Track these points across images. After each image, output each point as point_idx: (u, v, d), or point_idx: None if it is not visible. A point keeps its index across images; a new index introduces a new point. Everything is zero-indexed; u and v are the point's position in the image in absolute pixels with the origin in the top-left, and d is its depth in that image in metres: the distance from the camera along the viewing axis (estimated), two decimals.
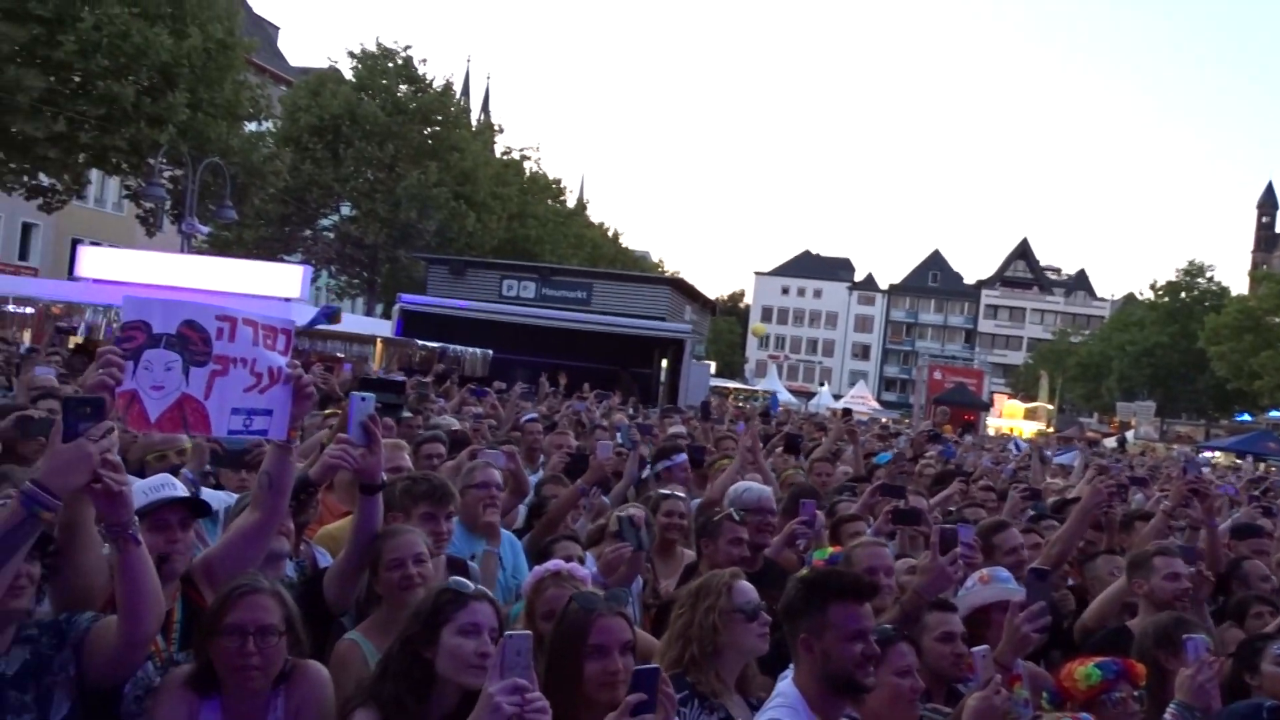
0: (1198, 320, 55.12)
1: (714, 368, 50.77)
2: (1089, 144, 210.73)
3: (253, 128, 31.48)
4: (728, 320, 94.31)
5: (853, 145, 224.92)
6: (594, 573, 3.83)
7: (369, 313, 38.71)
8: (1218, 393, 56.78)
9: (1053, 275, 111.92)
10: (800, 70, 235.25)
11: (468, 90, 66.42)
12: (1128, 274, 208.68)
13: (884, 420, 34.52)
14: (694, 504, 6.05)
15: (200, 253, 28.35)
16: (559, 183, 55.59)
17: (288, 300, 17.39)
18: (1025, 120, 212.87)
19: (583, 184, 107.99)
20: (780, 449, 10.26)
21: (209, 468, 5.48)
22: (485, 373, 20.17)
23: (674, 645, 3.27)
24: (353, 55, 39.24)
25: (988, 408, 51.02)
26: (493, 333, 23.98)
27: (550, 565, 3.52)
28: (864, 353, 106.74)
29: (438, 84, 40.30)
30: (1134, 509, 7.60)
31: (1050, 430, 47.41)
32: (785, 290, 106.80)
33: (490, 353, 21.79)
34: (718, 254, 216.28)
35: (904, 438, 19.48)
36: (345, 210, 39.17)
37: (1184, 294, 61.36)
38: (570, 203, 60.21)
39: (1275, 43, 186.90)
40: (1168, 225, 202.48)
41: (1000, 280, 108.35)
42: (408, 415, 7.38)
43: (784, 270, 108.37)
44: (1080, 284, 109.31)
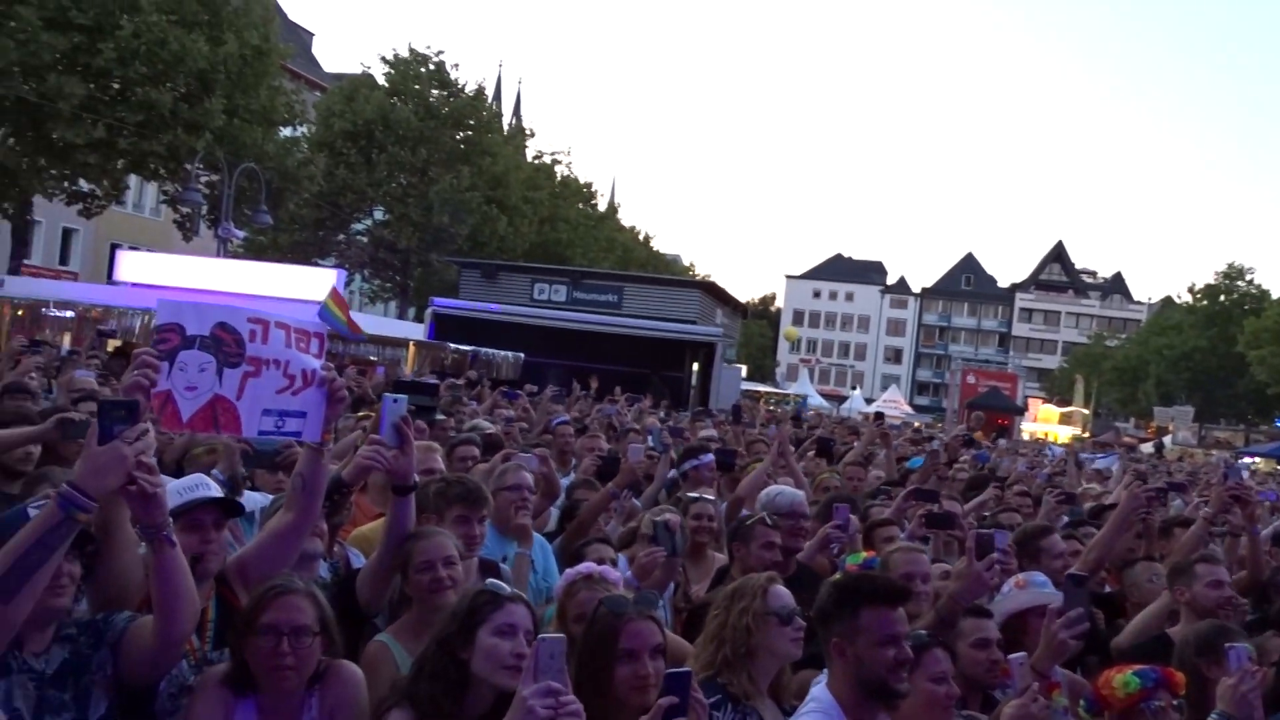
0: (1237, 324, 54.40)
1: (745, 371, 50.67)
2: (1125, 145, 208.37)
3: (287, 133, 31.82)
4: (759, 323, 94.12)
5: (885, 147, 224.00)
6: (627, 576, 3.82)
7: (401, 316, 38.99)
8: (1257, 397, 55.92)
9: (1088, 278, 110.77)
10: (832, 72, 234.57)
11: (499, 95, 66.75)
12: (1165, 277, 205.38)
13: (916, 424, 34.30)
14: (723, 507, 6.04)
15: (236, 257, 28.68)
16: (590, 186, 55.75)
17: (322, 303, 17.53)
18: (1060, 121, 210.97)
19: (614, 187, 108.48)
20: (812, 453, 10.24)
21: (242, 470, 5.53)
22: (517, 376, 20.23)
23: (708, 647, 3.25)
24: (386, 61, 39.59)
25: (1022, 412, 50.55)
26: (524, 336, 24.07)
27: (582, 568, 3.52)
28: (896, 356, 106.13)
29: (470, 89, 40.56)
30: (1173, 515, 7.49)
31: (1086, 435, 46.89)
32: (817, 294, 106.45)
33: (522, 356, 21.87)
34: (749, 257, 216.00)
35: (937, 442, 19.33)
36: (378, 215, 39.48)
37: (1223, 297, 60.56)
38: (601, 206, 60.35)
39: None
40: (1206, 227, 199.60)
41: (1035, 283, 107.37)
42: (441, 418, 7.42)
43: (815, 273, 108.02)
44: (1117, 287, 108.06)
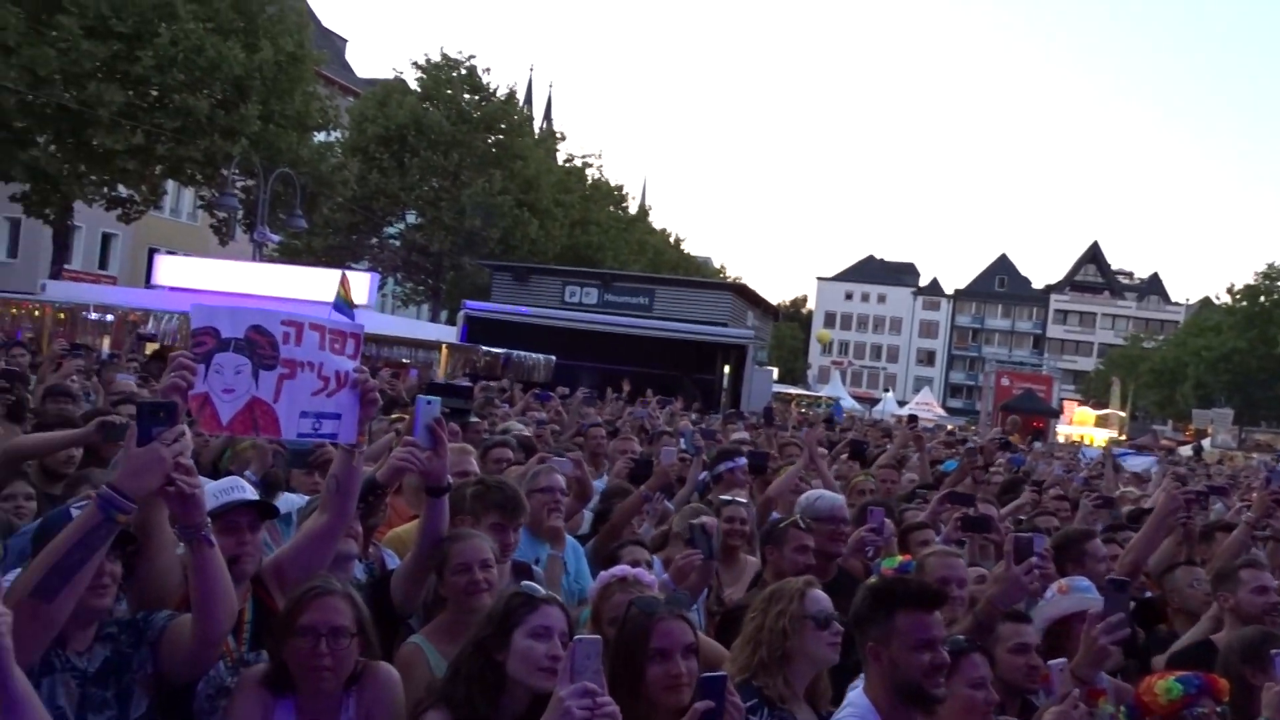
0: (1277, 325, 53.50)
1: (776, 373, 50.48)
2: (1162, 144, 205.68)
3: (321, 138, 32.13)
4: (790, 326, 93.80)
5: (917, 148, 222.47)
6: (664, 579, 3.81)
7: (434, 319, 39.24)
8: None
9: (1125, 279, 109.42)
10: (864, 73, 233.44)
11: (530, 98, 67.02)
12: (1203, 277, 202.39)
13: (949, 427, 34.02)
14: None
15: (271, 261, 28.98)
16: (621, 189, 55.80)
17: (356, 307, 17.68)
18: (1096, 120, 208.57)
19: (644, 190, 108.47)
20: (845, 456, 10.17)
21: (279, 470, 5.56)
22: (548, 378, 20.28)
23: (744, 649, 3.24)
24: (418, 66, 39.86)
25: (1057, 415, 49.98)
26: (556, 338, 24.13)
27: (617, 570, 3.51)
28: (929, 359, 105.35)
29: (501, 93, 40.76)
30: (1214, 519, 7.37)
31: (1123, 438, 46.31)
32: (849, 295, 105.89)
33: (553, 358, 21.93)
34: (780, 259, 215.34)
35: (970, 444, 19.16)
36: (411, 218, 39.75)
37: (1263, 298, 59.44)
38: (632, 209, 60.40)
39: None
40: (1245, 227, 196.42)
41: (1070, 284, 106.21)
42: (474, 420, 7.43)
43: (847, 275, 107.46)
44: (1154, 288, 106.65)
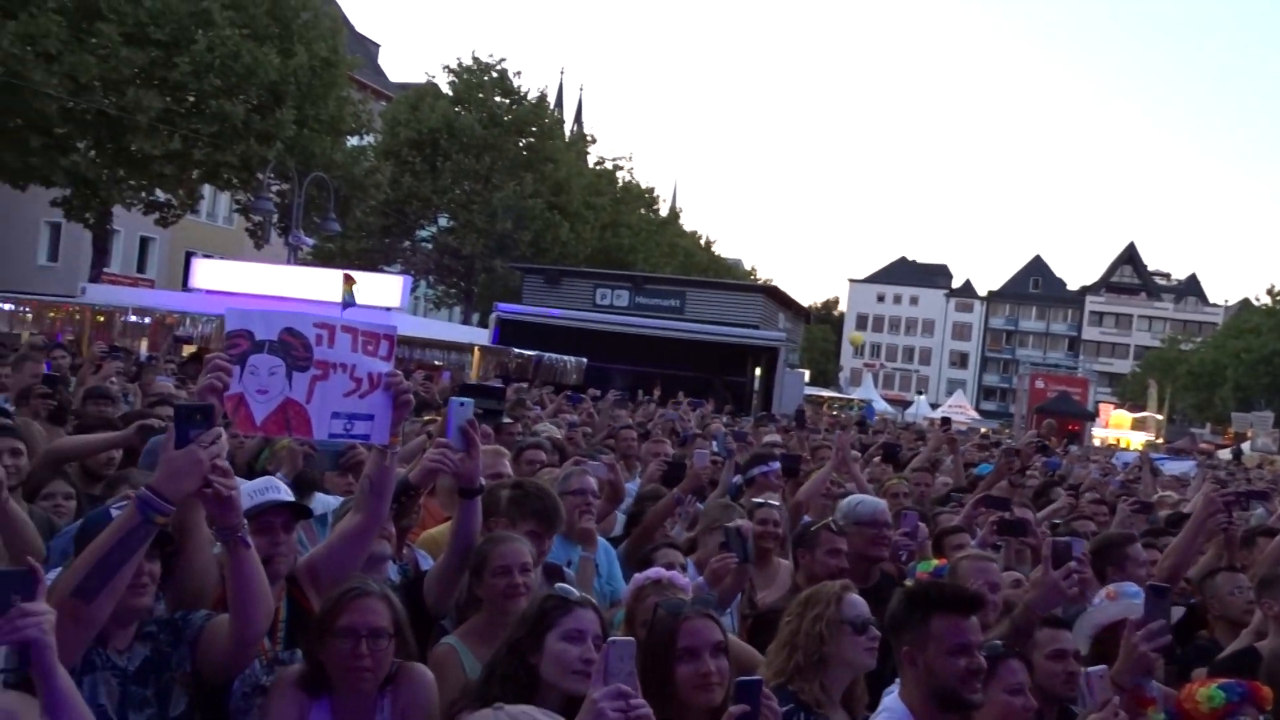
0: None
1: (808, 376, 50.27)
2: (1199, 143, 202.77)
3: (355, 142, 32.40)
4: (822, 328, 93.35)
5: (950, 148, 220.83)
6: (698, 581, 3.80)
7: (466, 321, 39.44)
8: None
9: (1161, 280, 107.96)
10: (896, 73, 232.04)
11: (561, 102, 67.25)
12: (1242, 278, 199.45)
13: (983, 430, 33.74)
14: None
15: (305, 264, 29.27)
16: (652, 192, 55.84)
17: (388, 309, 17.85)
18: (1132, 119, 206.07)
19: (675, 192, 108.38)
20: (878, 459, 10.11)
21: (313, 471, 5.59)
22: (580, 380, 20.32)
23: (779, 654, 3.22)
24: (449, 70, 40.11)
25: (1093, 417, 49.43)
26: (587, 341, 24.19)
27: (651, 573, 3.50)
28: (962, 361, 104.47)
29: (532, 96, 40.91)
30: (1256, 524, 7.25)
31: (1160, 441, 45.72)
32: (881, 297, 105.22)
33: (584, 361, 21.98)
34: (811, 261, 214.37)
35: (1007, 447, 18.97)
36: (443, 221, 39.98)
37: None
38: (663, 211, 60.38)
39: None
40: None
41: (1106, 286, 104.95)
42: (507, 421, 7.45)
43: (879, 277, 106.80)
44: (1191, 289, 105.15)
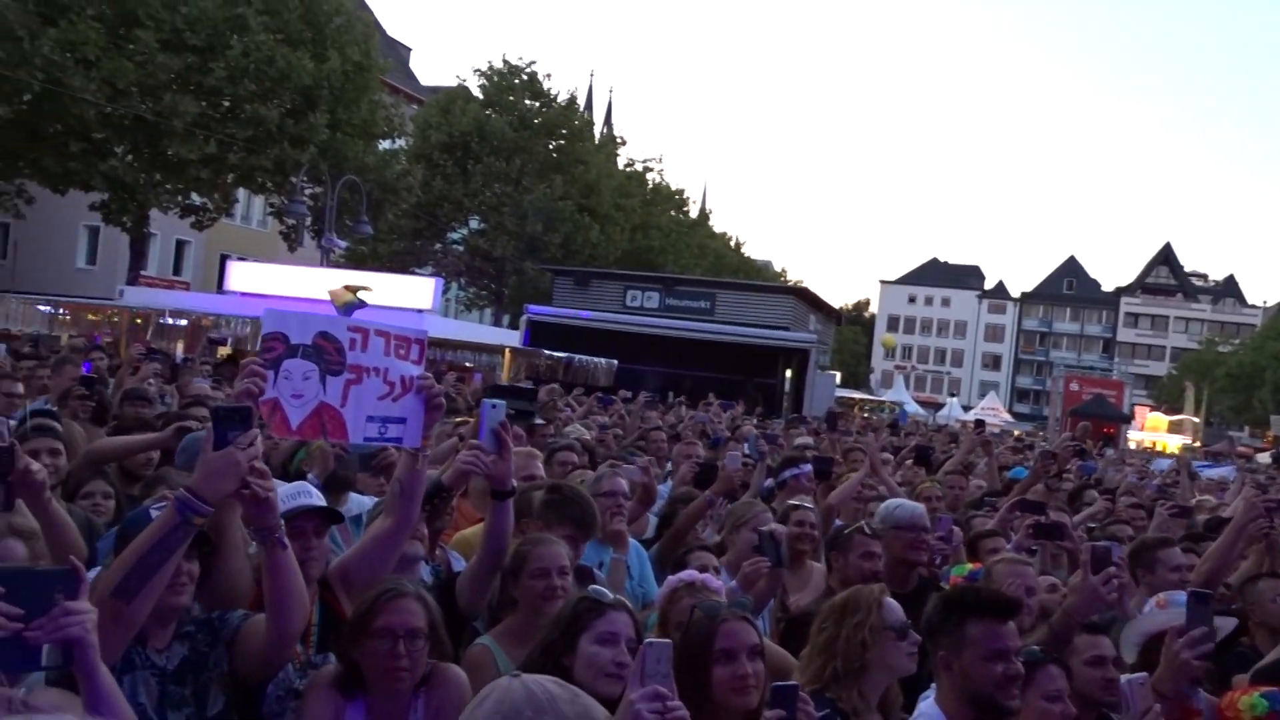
0: None
1: (839, 378, 50.03)
2: (1237, 142, 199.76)
3: (387, 146, 32.63)
4: (853, 330, 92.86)
5: (982, 148, 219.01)
6: (731, 585, 3.78)
7: (496, 323, 39.60)
8: None
9: (1198, 281, 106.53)
10: (926, 73, 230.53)
11: (591, 104, 67.36)
12: None
13: (1016, 433, 33.43)
14: None
15: (338, 266, 29.51)
16: (681, 193, 55.82)
17: (420, 311, 17.95)
18: (1168, 118, 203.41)
19: (705, 193, 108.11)
20: (910, 461, 10.04)
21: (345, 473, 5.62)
22: (611, 382, 20.34)
23: (815, 660, 3.19)
24: (480, 73, 40.34)
25: (1129, 420, 48.83)
26: (617, 343, 24.22)
27: (684, 575, 3.49)
28: (994, 363, 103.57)
29: (562, 98, 41.05)
30: None
31: (1197, 445, 45.10)
32: (912, 299, 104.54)
33: (615, 362, 21.99)
34: (842, 262, 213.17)
35: (1038, 449, 18.80)
36: (474, 224, 40.20)
37: None
38: (693, 213, 60.35)
39: None
40: None
41: (1141, 287, 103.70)
42: (540, 423, 7.47)
43: (911, 278, 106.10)
44: (1229, 290, 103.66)
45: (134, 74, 23.59)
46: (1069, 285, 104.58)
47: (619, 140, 51.40)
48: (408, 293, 19.29)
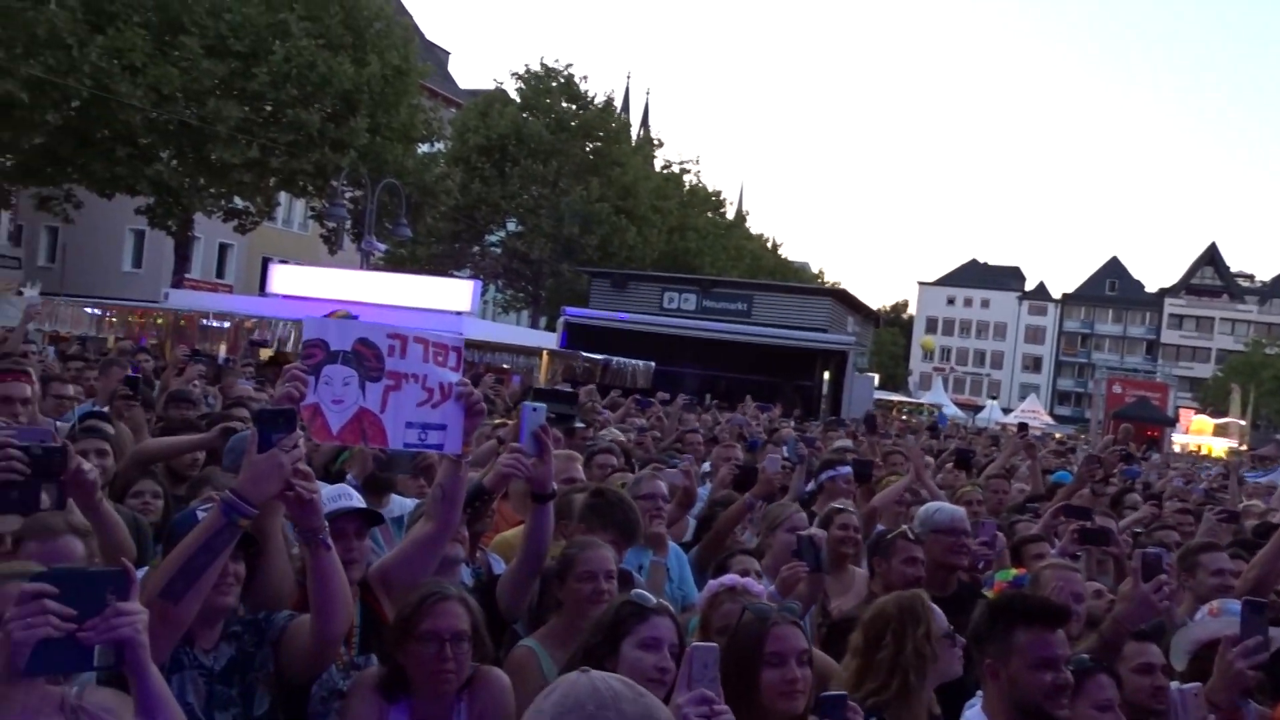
0: None
1: (877, 380, 49.67)
2: None
3: (426, 149, 32.86)
4: (891, 331, 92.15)
5: (1022, 148, 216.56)
6: (770, 590, 3.76)
7: (534, 325, 39.74)
8: None
9: (1245, 282, 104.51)
10: (967, 71, 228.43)
11: (628, 106, 67.39)
12: None
13: (1058, 436, 33.02)
14: None
15: (377, 269, 29.76)
16: (718, 195, 55.70)
17: (459, 314, 18.04)
18: (1211, 116, 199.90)
19: (741, 195, 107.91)
20: (950, 464, 9.93)
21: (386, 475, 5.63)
22: (648, 384, 20.31)
23: (877, 675, 3.09)
24: (517, 76, 40.49)
25: (1173, 423, 48.01)
26: (654, 345, 24.23)
27: (726, 579, 3.47)
28: (1035, 365, 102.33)
29: (599, 100, 41.10)
30: None
31: (1244, 448, 44.21)
32: (951, 300, 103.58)
33: (653, 364, 21.97)
34: (880, 263, 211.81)
35: (1080, 452, 18.53)
36: (511, 226, 40.36)
37: None
38: (729, 214, 60.21)
39: None
40: None
41: (1186, 288, 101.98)
42: (580, 426, 7.47)
43: (950, 280, 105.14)
44: (1276, 291, 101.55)
45: (179, 80, 23.96)
46: (1112, 286, 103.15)
47: (656, 142, 51.34)
48: (447, 295, 19.39)
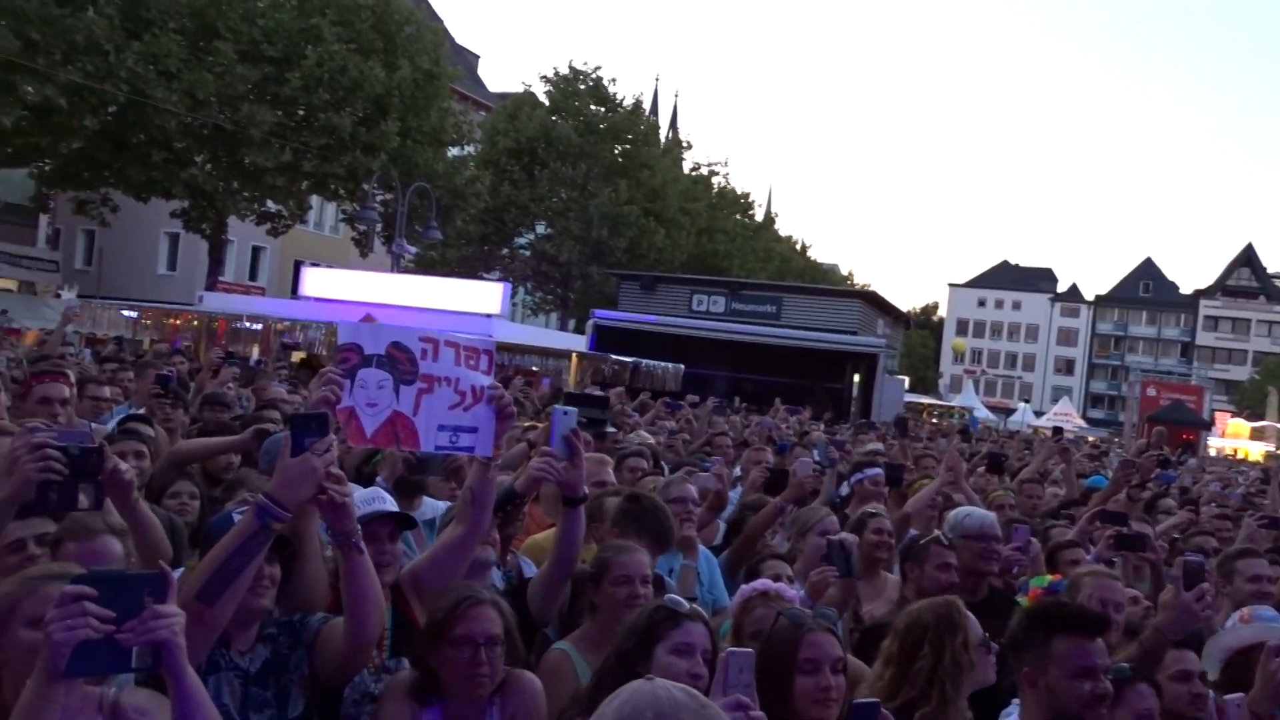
0: None
1: (907, 383, 49.32)
2: None
3: (456, 152, 33.01)
4: (921, 334, 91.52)
5: (1054, 147, 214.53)
6: (801, 595, 3.73)
7: (563, 327, 39.81)
8: None
9: None
10: (998, 71, 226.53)
11: (656, 108, 67.37)
12: None
13: (1090, 439, 32.66)
14: None
15: (408, 271, 29.94)
16: (747, 197, 55.57)
17: (489, 316, 18.10)
18: (1247, 115, 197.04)
19: (770, 196, 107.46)
20: (983, 468, 9.83)
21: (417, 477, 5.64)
22: (678, 387, 20.28)
23: (913, 685, 3.06)
24: (546, 79, 40.58)
25: (1209, 427, 47.33)
26: (683, 347, 24.21)
27: (758, 584, 3.45)
28: (1068, 367, 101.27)
29: (627, 103, 41.12)
30: None
31: None
32: (982, 302, 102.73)
33: (682, 367, 21.94)
34: (910, 265, 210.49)
35: (1114, 456, 18.30)
36: (540, 229, 40.47)
37: None
38: (758, 216, 60.04)
39: None
40: None
41: (1221, 289, 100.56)
42: (611, 430, 7.45)
43: (981, 281, 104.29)
44: None
45: (213, 85, 24.23)
46: (1145, 288, 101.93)
47: (684, 144, 51.35)
48: (477, 297, 19.47)
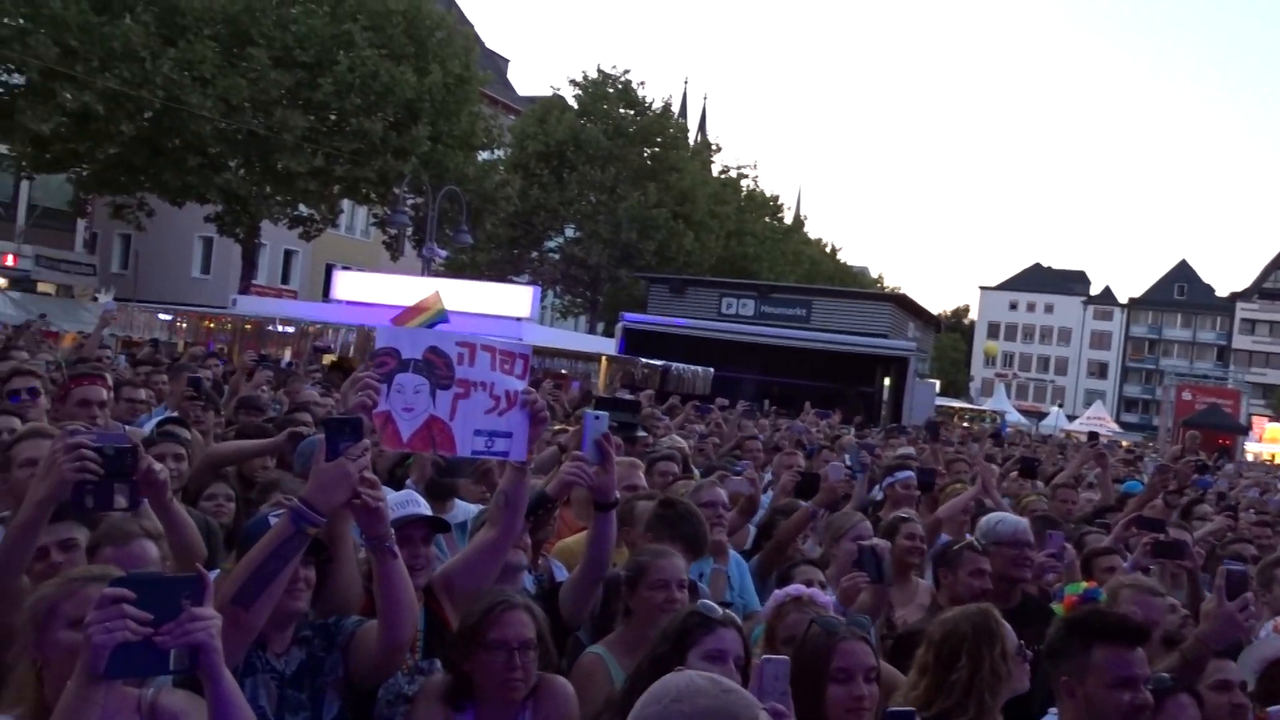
0: None
1: (938, 386, 48.95)
2: None
3: (486, 156, 33.18)
4: (952, 337, 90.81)
5: (1087, 149, 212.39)
6: (834, 601, 3.71)
7: (591, 331, 39.86)
8: None
9: None
10: (1030, 72, 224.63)
11: (685, 111, 67.39)
12: None
13: (1124, 443, 32.30)
14: None
15: (438, 275, 30.08)
16: (776, 199, 55.44)
17: (519, 320, 18.15)
18: None
19: (799, 199, 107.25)
20: (1015, 473, 9.74)
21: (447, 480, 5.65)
22: (707, 391, 20.23)
23: (950, 695, 3.01)
24: (575, 83, 40.71)
25: (1246, 431, 46.64)
26: (713, 350, 24.15)
27: (791, 590, 3.43)
28: (1101, 371, 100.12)
29: (656, 106, 41.16)
30: None
31: None
32: (1014, 305, 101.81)
33: (711, 370, 21.90)
34: (941, 268, 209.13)
35: (1149, 461, 18.09)
36: (569, 232, 40.57)
37: None
38: (788, 219, 59.87)
39: None
40: None
41: (1259, 292, 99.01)
42: (641, 434, 7.44)
43: (1012, 284, 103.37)
44: None
45: (247, 90, 24.50)
46: (1180, 290, 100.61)
47: (713, 147, 51.28)
48: (507, 301, 19.53)
